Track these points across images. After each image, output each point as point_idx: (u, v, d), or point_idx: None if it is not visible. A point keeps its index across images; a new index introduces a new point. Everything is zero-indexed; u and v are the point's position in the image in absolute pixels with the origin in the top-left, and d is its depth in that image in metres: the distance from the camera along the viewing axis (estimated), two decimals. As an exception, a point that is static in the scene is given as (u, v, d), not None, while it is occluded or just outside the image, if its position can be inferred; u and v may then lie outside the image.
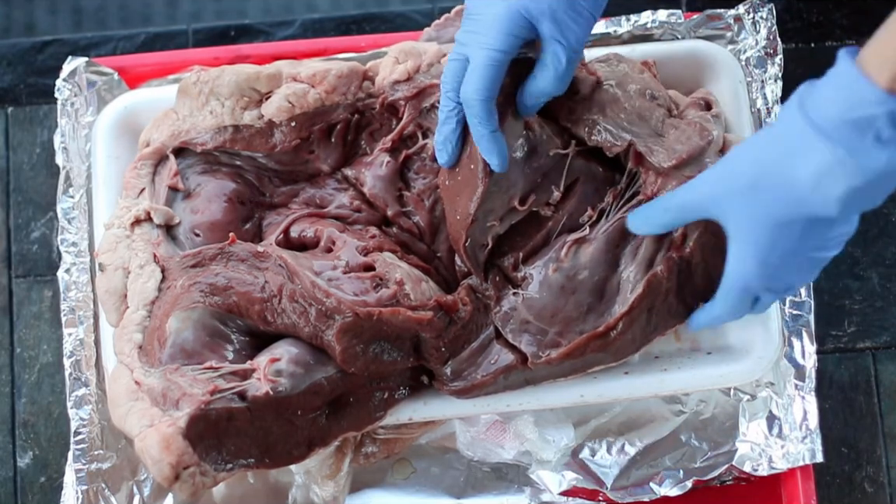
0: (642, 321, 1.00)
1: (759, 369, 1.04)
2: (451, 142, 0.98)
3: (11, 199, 1.22)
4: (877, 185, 0.83)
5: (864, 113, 0.80)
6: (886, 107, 0.80)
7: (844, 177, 0.82)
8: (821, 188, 0.83)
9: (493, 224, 1.01)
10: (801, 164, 0.83)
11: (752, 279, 0.91)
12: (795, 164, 0.84)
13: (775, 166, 0.85)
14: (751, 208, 0.88)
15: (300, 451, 0.99)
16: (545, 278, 1.01)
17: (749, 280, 0.91)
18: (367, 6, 1.69)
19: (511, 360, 1.01)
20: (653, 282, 0.98)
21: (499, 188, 0.98)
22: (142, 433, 0.94)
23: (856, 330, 1.18)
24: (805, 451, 1.06)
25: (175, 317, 0.99)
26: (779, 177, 0.85)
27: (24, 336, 1.20)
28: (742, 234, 0.89)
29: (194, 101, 1.07)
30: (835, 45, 1.24)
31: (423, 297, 1.00)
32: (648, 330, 1.01)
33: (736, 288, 0.92)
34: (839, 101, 0.81)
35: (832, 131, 0.82)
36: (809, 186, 0.84)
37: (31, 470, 1.17)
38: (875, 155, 0.81)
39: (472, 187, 0.98)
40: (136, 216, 1.05)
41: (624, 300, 0.99)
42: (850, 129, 0.81)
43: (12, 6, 1.75)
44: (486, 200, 0.98)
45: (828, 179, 0.83)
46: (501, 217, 1.01)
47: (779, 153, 0.85)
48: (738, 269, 0.91)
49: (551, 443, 1.09)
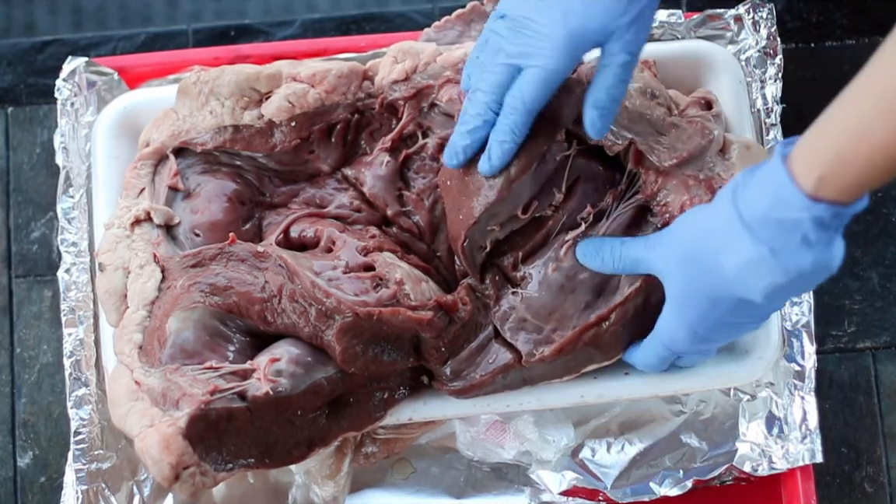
0: (632, 317, 0.99)
1: (758, 369, 1.04)
2: (472, 148, 0.95)
3: (11, 199, 1.22)
4: (802, 281, 0.84)
5: (789, 215, 0.80)
6: (811, 213, 0.79)
7: (767, 273, 0.83)
8: (744, 280, 0.85)
9: (493, 229, 1.00)
10: (727, 255, 0.85)
11: (679, 343, 0.95)
12: (723, 254, 0.85)
13: (707, 249, 0.87)
14: (686, 280, 0.90)
15: (300, 451, 0.99)
16: (544, 277, 1.01)
17: (675, 343, 0.95)
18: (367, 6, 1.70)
19: (508, 359, 1.01)
20: (649, 280, 0.98)
21: (510, 197, 0.98)
22: (142, 433, 0.94)
23: (856, 330, 1.18)
24: (805, 452, 1.06)
25: (175, 317, 0.99)
26: (709, 260, 0.87)
27: (24, 336, 1.20)
28: (676, 300, 0.92)
29: (194, 101, 1.07)
30: (835, 45, 1.24)
31: (423, 297, 1.00)
32: (637, 329, 1.00)
33: (660, 346, 0.96)
34: (766, 198, 0.81)
35: (758, 228, 0.82)
36: (734, 276, 0.85)
37: (31, 470, 1.17)
38: (799, 257, 0.81)
39: (484, 192, 0.97)
40: (136, 216, 1.05)
41: (621, 293, 0.99)
42: (775, 229, 0.81)
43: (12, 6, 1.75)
44: (495, 206, 0.98)
45: (751, 273, 0.84)
46: (502, 223, 1.01)
47: (710, 238, 0.87)
48: (667, 330, 0.95)
49: (551, 443, 1.09)
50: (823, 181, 0.78)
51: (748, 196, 0.83)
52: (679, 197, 0.99)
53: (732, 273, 0.85)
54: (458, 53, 1.06)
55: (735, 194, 0.84)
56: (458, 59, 1.05)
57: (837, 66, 1.23)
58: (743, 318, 0.91)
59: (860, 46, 1.23)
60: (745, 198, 0.83)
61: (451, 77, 1.05)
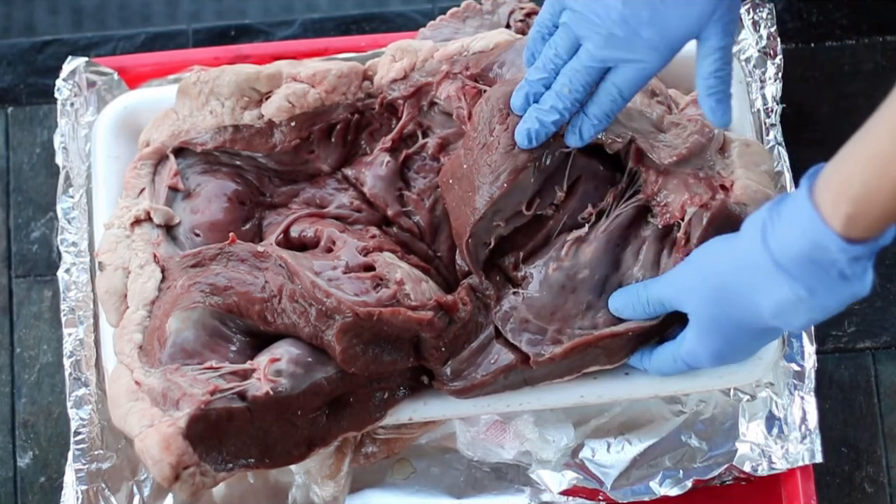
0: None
1: (758, 370, 1.04)
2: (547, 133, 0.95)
3: (11, 199, 1.22)
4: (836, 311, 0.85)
5: (825, 257, 0.80)
6: (847, 254, 0.80)
7: (805, 312, 0.84)
8: (782, 318, 0.86)
9: (498, 224, 1.00)
10: (764, 296, 0.85)
11: (701, 363, 0.95)
12: (758, 295, 0.86)
13: (738, 290, 0.87)
14: (715, 315, 0.91)
15: (300, 451, 0.99)
16: (545, 277, 1.01)
17: (697, 363, 0.96)
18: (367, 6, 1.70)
19: (511, 360, 1.00)
20: None
21: (515, 190, 0.98)
22: (142, 433, 0.94)
23: (856, 330, 1.18)
24: (805, 452, 1.06)
25: (175, 317, 0.99)
26: (742, 300, 0.87)
27: (24, 336, 1.20)
28: (703, 330, 0.93)
29: (194, 101, 1.07)
30: (835, 45, 1.24)
31: (423, 297, 1.00)
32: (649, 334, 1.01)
33: (681, 362, 0.97)
34: (800, 240, 0.81)
35: (795, 270, 0.82)
36: (770, 315, 0.86)
37: (31, 470, 1.17)
38: (837, 293, 0.82)
39: (490, 185, 0.97)
40: (136, 216, 1.05)
41: None
42: (812, 270, 0.82)
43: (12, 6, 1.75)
44: (500, 200, 0.98)
45: (789, 313, 0.85)
46: (507, 219, 1.01)
47: (742, 279, 0.87)
48: (689, 352, 0.95)
49: (551, 443, 1.09)
50: (852, 220, 0.78)
51: (779, 236, 0.83)
52: (679, 197, 0.99)
53: (769, 313, 0.86)
54: (454, 47, 1.06)
55: (765, 233, 0.84)
56: (454, 52, 1.06)
57: (837, 66, 1.23)
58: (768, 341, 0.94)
59: (860, 46, 1.23)
60: (776, 238, 0.83)
61: (448, 71, 1.05)
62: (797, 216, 0.82)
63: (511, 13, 1.11)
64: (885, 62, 1.23)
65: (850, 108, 1.21)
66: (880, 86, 1.22)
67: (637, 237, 1.00)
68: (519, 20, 1.10)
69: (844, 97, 1.22)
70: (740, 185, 1.00)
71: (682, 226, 0.98)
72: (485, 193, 0.97)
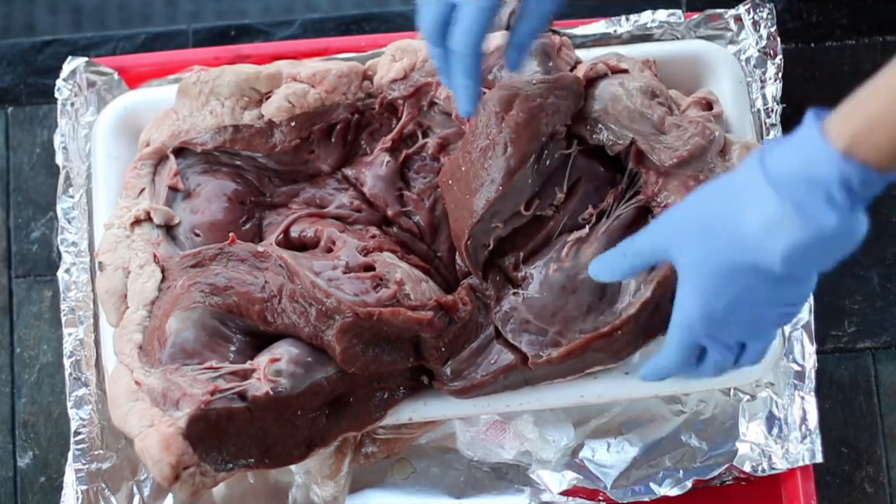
0: (644, 322, 1.00)
1: (759, 370, 1.04)
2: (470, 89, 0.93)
3: (11, 199, 1.22)
4: (823, 247, 0.82)
5: (816, 171, 0.80)
6: (839, 169, 0.79)
7: (789, 231, 0.81)
8: (766, 239, 0.83)
9: (497, 226, 1.01)
10: (750, 213, 0.83)
11: (695, 322, 0.89)
12: (745, 213, 0.84)
13: (726, 213, 0.85)
14: (700, 253, 0.87)
15: (300, 451, 0.99)
16: (546, 278, 1.01)
17: (692, 322, 0.89)
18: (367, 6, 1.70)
19: (511, 360, 1.01)
20: (662, 285, 0.98)
21: (511, 192, 0.98)
22: (142, 433, 0.94)
23: (856, 330, 1.18)
24: (805, 452, 1.06)
25: (175, 317, 0.99)
26: (729, 223, 0.85)
27: (24, 336, 1.20)
28: (690, 277, 0.89)
29: (194, 101, 1.07)
30: (835, 45, 1.23)
31: (423, 297, 1.00)
32: (649, 331, 1.01)
33: (679, 329, 0.90)
34: (795, 156, 0.81)
35: (783, 184, 0.81)
36: (755, 236, 0.83)
37: (31, 470, 1.17)
38: (823, 215, 0.80)
39: (487, 188, 0.97)
40: (136, 216, 1.05)
41: (630, 302, 0.99)
42: (801, 185, 0.80)
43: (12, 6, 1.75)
44: (497, 202, 0.98)
45: (773, 231, 0.82)
46: (506, 220, 1.01)
47: (732, 201, 0.85)
48: (683, 310, 0.90)
49: (551, 443, 1.09)
50: (856, 140, 0.78)
51: (776, 156, 0.82)
52: (679, 198, 0.99)
53: (754, 232, 0.83)
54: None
55: (762, 156, 0.83)
56: None
57: (837, 66, 1.23)
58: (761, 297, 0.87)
59: (860, 46, 1.23)
60: (772, 158, 0.82)
61: None
62: (799, 138, 0.81)
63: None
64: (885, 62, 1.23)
65: (850, 108, 1.21)
66: (880, 86, 1.22)
67: (638, 237, 1.01)
68: (519, 20, 1.10)
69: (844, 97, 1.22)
70: (740, 185, 1.00)
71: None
72: (482, 196, 0.97)
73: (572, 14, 1.15)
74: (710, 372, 0.92)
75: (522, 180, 0.98)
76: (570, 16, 1.15)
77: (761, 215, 0.82)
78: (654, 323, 1.00)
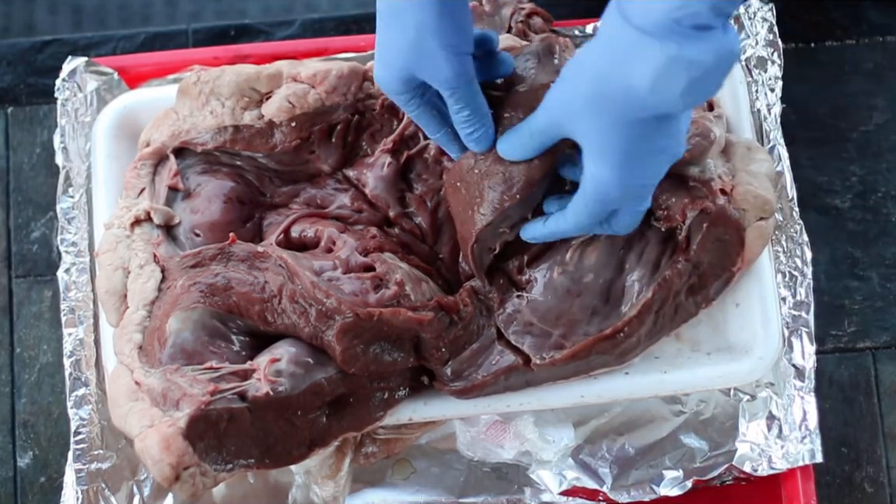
0: (648, 324, 1.00)
1: (759, 370, 1.04)
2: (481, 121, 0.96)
3: (11, 199, 1.22)
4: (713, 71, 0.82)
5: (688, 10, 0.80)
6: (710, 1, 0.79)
7: (682, 71, 0.82)
8: (660, 89, 0.83)
9: (504, 231, 1.00)
10: (637, 70, 0.83)
11: (611, 188, 0.89)
12: (631, 71, 0.83)
13: (612, 75, 0.84)
14: (598, 118, 0.87)
15: (300, 451, 0.99)
16: (550, 281, 1.01)
17: (608, 188, 0.89)
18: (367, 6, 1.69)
19: (513, 361, 1.00)
20: (662, 286, 0.98)
21: (527, 199, 0.97)
22: (142, 433, 0.94)
23: (856, 330, 1.18)
24: (805, 452, 1.06)
25: (175, 317, 0.99)
26: (618, 84, 0.84)
27: (24, 336, 1.20)
28: (594, 144, 0.88)
29: (194, 101, 1.07)
30: (835, 45, 1.24)
31: (424, 297, 1.00)
32: (654, 332, 1.01)
33: (592, 197, 0.90)
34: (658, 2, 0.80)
35: (660, 32, 0.81)
36: (647, 89, 0.83)
37: (31, 470, 1.17)
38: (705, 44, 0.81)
39: (502, 193, 0.96)
40: (136, 216, 1.05)
41: (632, 304, 0.99)
42: (675, 27, 0.80)
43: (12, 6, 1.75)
44: (511, 209, 0.97)
45: (665, 79, 0.82)
46: (513, 226, 1.00)
47: (613, 61, 0.84)
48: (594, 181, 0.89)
49: (551, 443, 1.09)
50: None
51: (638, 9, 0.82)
52: (680, 200, 0.99)
53: (646, 87, 0.83)
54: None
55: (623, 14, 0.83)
56: None
57: (837, 66, 1.23)
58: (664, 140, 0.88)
59: (860, 46, 1.23)
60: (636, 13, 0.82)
61: None
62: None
63: (512, 14, 1.11)
64: (885, 62, 1.23)
65: (849, 108, 1.21)
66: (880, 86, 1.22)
67: (641, 240, 1.00)
68: (520, 21, 1.10)
69: (844, 97, 1.22)
70: (741, 189, 1.00)
71: (683, 229, 0.98)
72: (495, 201, 0.96)
73: (572, 14, 1.15)
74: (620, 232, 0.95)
75: (539, 189, 0.97)
76: (570, 16, 1.15)
77: (650, 69, 0.82)
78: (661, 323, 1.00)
